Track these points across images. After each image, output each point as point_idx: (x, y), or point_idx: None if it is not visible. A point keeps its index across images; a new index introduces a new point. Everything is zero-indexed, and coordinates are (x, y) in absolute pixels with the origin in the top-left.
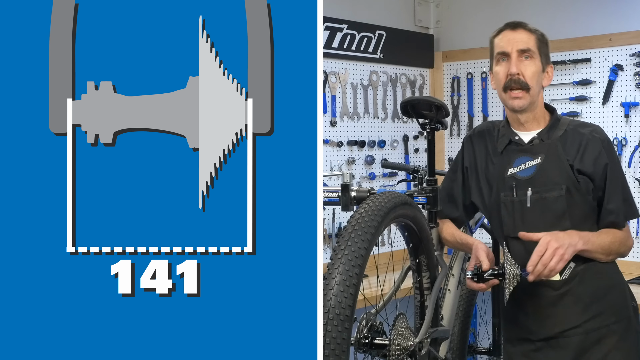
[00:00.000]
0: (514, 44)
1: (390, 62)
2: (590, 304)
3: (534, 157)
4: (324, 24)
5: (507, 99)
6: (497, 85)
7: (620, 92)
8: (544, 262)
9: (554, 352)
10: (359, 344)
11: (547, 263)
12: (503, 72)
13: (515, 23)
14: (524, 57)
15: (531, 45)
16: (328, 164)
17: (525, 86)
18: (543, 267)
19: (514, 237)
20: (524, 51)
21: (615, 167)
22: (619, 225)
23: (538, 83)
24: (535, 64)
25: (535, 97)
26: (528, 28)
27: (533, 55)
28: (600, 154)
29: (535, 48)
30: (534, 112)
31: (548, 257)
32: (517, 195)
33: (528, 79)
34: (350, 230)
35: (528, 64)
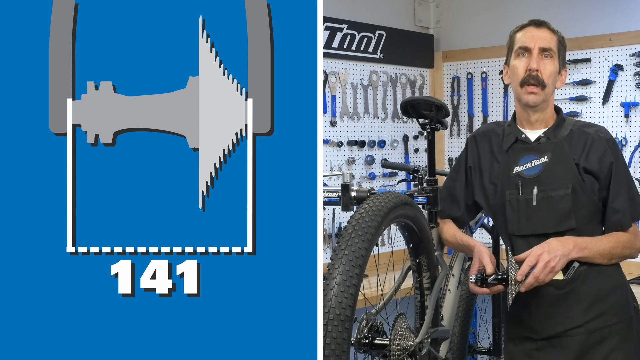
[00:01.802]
0: (537, 40)
1: (390, 62)
2: (593, 304)
3: (540, 155)
4: (324, 24)
5: (522, 93)
6: (513, 80)
7: (620, 92)
8: (535, 274)
9: (556, 351)
10: (359, 344)
11: (538, 276)
12: (522, 67)
13: (539, 21)
14: (544, 56)
15: (553, 45)
16: (328, 164)
17: (542, 83)
18: (534, 279)
19: (518, 235)
20: (546, 49)
21: (620, 166)
22: (624, 225)
23: (553, 83)
24: (554, 63)
25: (548, 96)
26: (551, 28)
27: (553, 55)
28: (606, 152)
29: (555, 48)
30: (545, 111)
31: (539, 270)
32: (523, 193)
33: (545, 77)
34: (350, 231)
35: (547, 63)
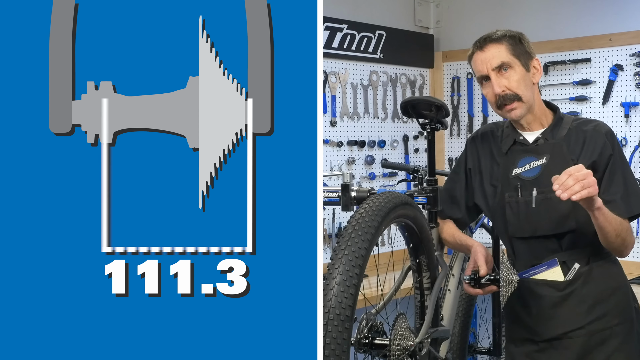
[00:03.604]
0: (487, 63)
1: (390, 62)
2: (594, 306)
3: (538, 157)
4: (324, 24)
5: (504, 113)
6: (490, 105)
7: (620, 92)
8: (566, 175)
9: (557, 353)
10: (359, 344)
11: (570, 175)
12: (490, 94)
13: (481, 40)
14: (502, 70)
15: (503, 56)
16: (328, 164)
17: (516, 97)
18: (568, 178)
19: (518, 237)
20: (500, 66)
21: (617, 159)
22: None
23: (527, 86)
24: (516, 71)
25: (530, 101)
26: (495, 39)
27: (510, 64)
28: (605, 145)
29: (508, 56)
30: (533, 112)
31: (571, 182)
32: (522, 195)
33: (515, 89)
34: (350, 231)
35: (509, 75)
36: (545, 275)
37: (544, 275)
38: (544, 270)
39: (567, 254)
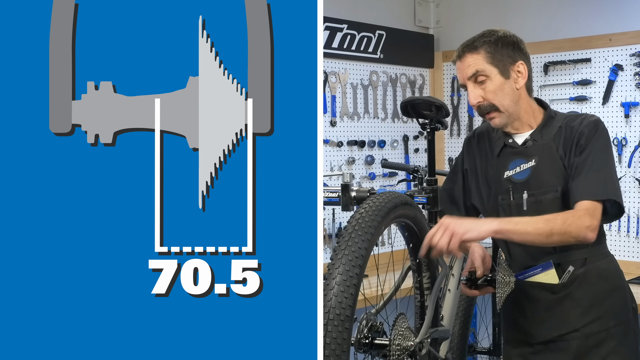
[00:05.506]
0: (463, 72)
1: (390, 62)
2: (590, 308)
3: (527, 159)
4: (324, 24)
5: (487, 120)
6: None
7: (620, 92)
8: (429, 236)
9: (553, 355)
10: (359, 344)
11: (432, 237)
12: (472, 103)
13: (460, 48)
14: (478, 81)
15: (479, 65)
16: (328, 164)
17: (492, 107)
18: (428, 239)
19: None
20: (474, 75)
21: (594, 146)
22: (576, 198)
23: (506, 95)
24: (492, 80)
25: (511, 109)
26: (473, 47)
27: (485, 73)
28: (588, 135)
29: (484, 64)
30: (519, 117)
31: (438, 235)
32: (514, 198)
33: (491, 100)
34: (350, 231)
35: (485, 86)
36: (540, 277)
37: (539, 278)
38: (539, 273)
39: (561, 256)
